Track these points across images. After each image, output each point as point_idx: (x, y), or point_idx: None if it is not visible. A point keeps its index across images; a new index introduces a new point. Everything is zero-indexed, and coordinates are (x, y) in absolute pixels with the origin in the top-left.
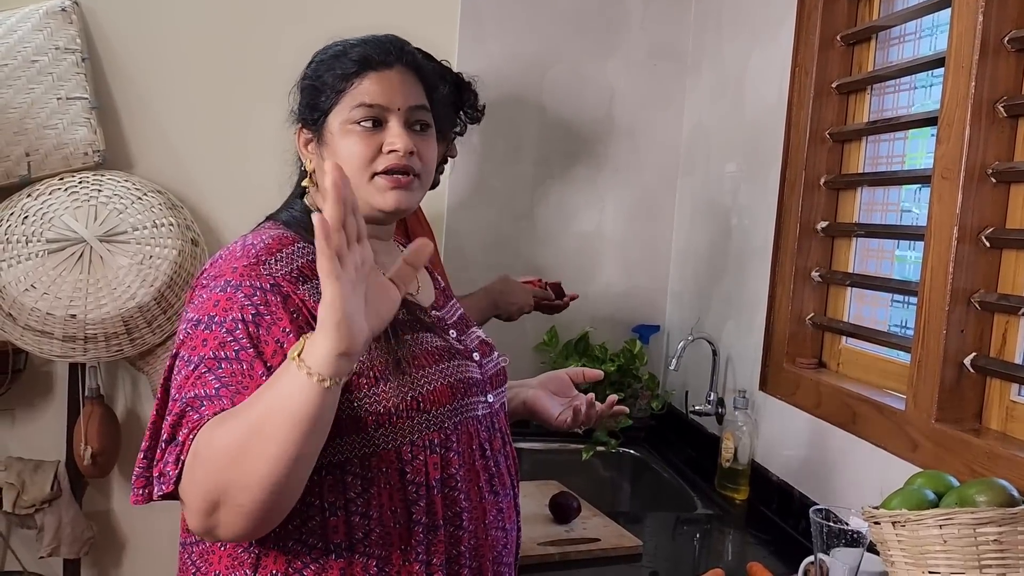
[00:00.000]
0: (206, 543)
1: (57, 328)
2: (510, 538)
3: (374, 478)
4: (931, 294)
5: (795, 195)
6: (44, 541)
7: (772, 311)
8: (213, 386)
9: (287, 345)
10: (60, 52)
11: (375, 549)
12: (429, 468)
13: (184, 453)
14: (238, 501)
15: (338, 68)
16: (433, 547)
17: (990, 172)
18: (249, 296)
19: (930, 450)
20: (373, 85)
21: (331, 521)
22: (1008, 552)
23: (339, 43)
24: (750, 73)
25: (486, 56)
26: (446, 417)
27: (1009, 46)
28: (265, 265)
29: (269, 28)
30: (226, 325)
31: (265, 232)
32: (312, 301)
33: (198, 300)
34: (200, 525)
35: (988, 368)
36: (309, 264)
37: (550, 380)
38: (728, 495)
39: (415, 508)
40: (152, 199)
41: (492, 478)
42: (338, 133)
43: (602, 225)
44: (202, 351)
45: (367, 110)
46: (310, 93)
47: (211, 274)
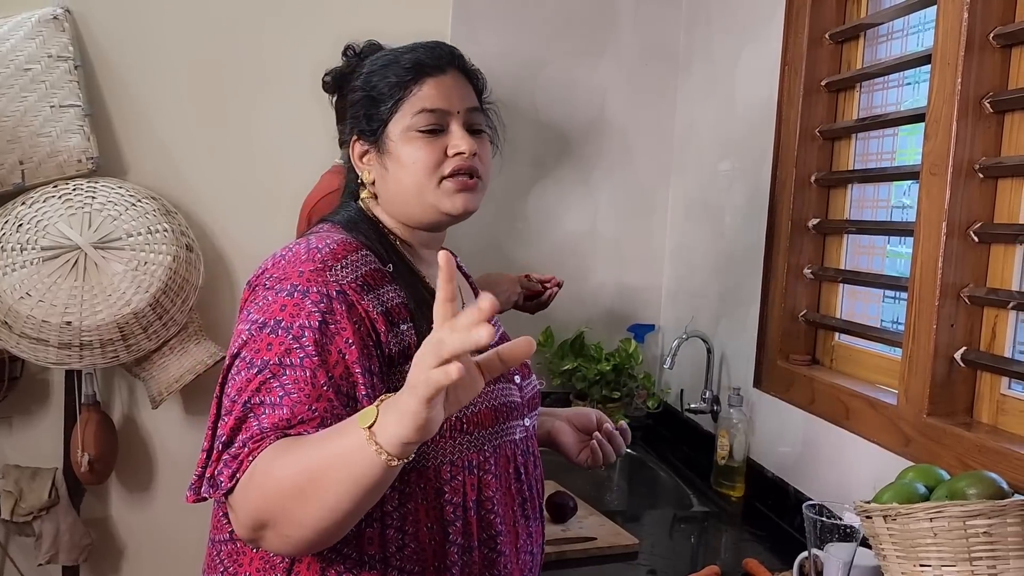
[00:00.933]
0: (238, 543)
1: (53, 335)
2: (536, 561)
3: (412, 493)
4: (921, 289)
5: (786, 192)
6: (42, 548)
7: (765, 308)
8: (277, 394)
9: (349, 357)
10: (53, 60)
11: (408, 564)
12: (467, 489)
13: (241, 471)
14: (286, 532)
15: (392, 76)
16: (468, 569)
17: (977, 167)
18: (316, 303)
19: (922, 444)
20: (432, 90)
21: (367, 532)
22: (998, 544)
23: (387, 52)
24: (740, 72)
25: (478, 57)
26: (486, 440)
27: (994, 42)
28: (332, 271)
29: (262, 34)
30: (293, 331)
31: (328, 236)
32: (375, 312)
33: (262, 301)
34: (245, 536)
35: (978, 362)
36: (372, 273)
37: (576, 416)
38: (724, 492)
39: (451, 528)
40: (146, 205)
41: (525, 502)
42: (400, 140)
43: (596, 224)
44: (266, 355)
45: (429, 115)
46: (366, 104)
47: (275, 276)
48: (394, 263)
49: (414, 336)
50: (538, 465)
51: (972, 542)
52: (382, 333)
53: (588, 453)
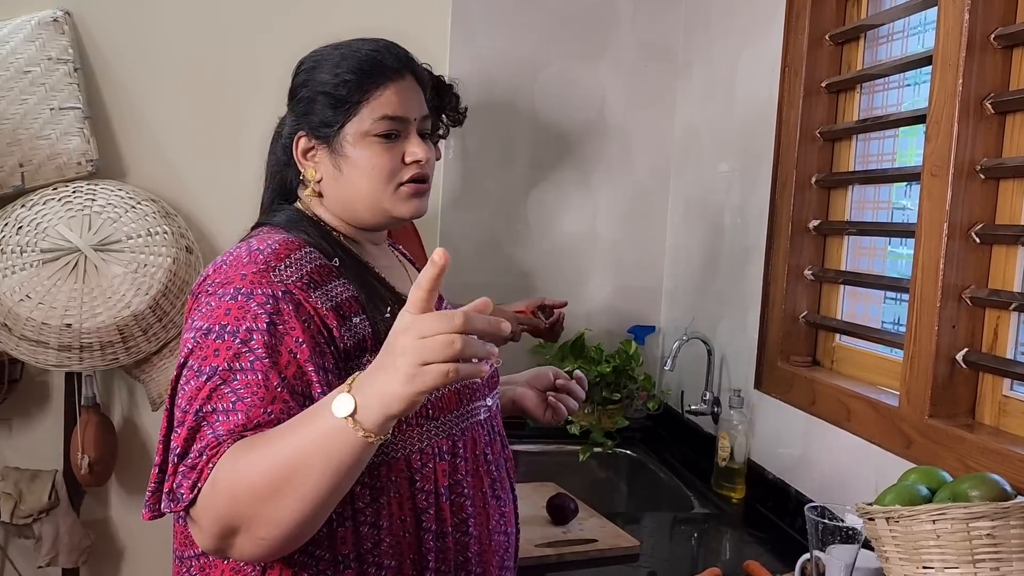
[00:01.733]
0: (207, 557)
1: (53, 338)
2: (511, 542)
3: (383, 487)
4: (923, 290)
5: (787, 194)
6: (42, 551)
7: (766, 310)
8: (229, 399)
9: (300, 356)
10: (52, 63)
11: (385, 559)
12: (438, 475)
13: (202, 480)
14: (260, 534)
15: (351, 75)
16: (443, 554)
17: (979, 168)
18: (262, 304)
19: (924, 446)
20: (394, 96)
21: (339, 532)
22: (1001, 546)
23: (340, 47)
24: (740, 73)
25: (477, 59)
26: (453, 424)
27: (995, 43)
28: (275, 272)
29: (261, 34)
30: (239, 335)
31: (268, 236)
32: (324, 308)
33: (206, 308)
34: (211, 547)
35: (980, 363)
36: (318, 269)
37: (536, 377)
38: (725, 494)
39: (425, 516)
40: (146, 207)
41: (495, 482)
42: (357, 144)
43: (595, 226)
44: (214, 361)
45: (390, 123)
46: (320, 102)
47: (217, 281)
48: (340, 257)
49: (369, 328)
50: (505, 445)
51: (975, 544)
52: (334, 328)
53: (551, 411)
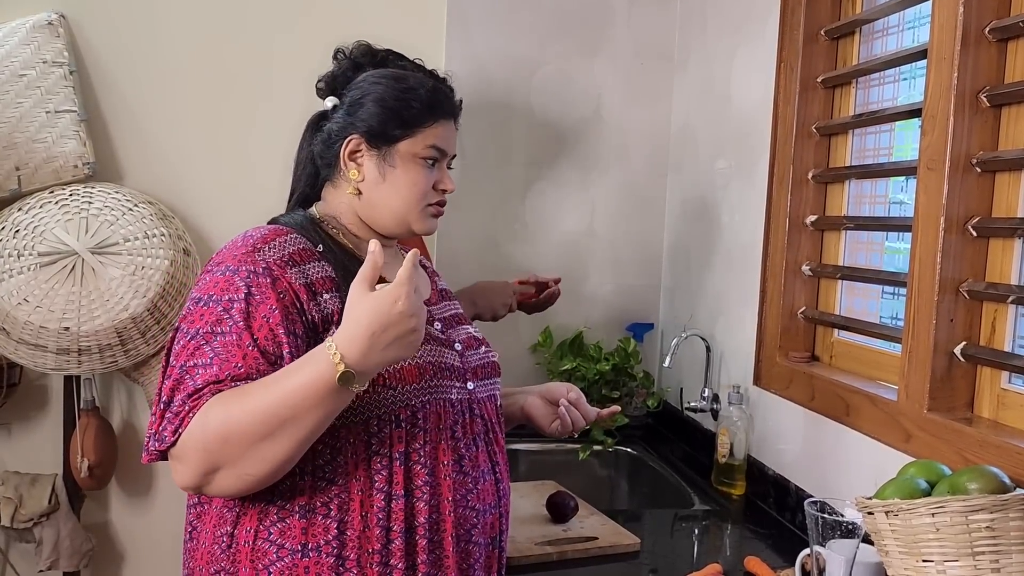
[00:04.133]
0: (203, 505)
1: (51, 341)
2: (482, 519)
3: (341, 447)
4: (920, 284)
5: (783, 190)
6: (43, 555)
7: (764, 306)
8: (207, 356)
9: (272, 320)
10: (48, 65)
11: (338, 512)
12: (393, 440)
13: (183, 424)
14: (245, 470)
15: (417, 104)
16: (392, 515)
17: (975, 162)
18: (244, 278)
19: (923, 440)
20: (445, 132)
21: (299, 484)
22: (1000, 538)
23: (408, 73)
24: (736, 69)
25: (473, 58)
26: (413, 395)
27: (990, 36)
28: (260, 252)
29: (259, 37)
30: (222, 303)
31: (264, 227)
32: (298, 284)
33: (202, 282)
34: (191, 482)
35: (978, 356)
36: (300, 252)
37: (548, 390)
38: (725, 491)
39: (377, 477)
40: (143, 210)
41: (461, 459)
42: (405, 160)
43: (593, 224)
44: (199, 324)
45: (436, 152)
46: (385, 116)
47: (215, 261)
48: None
49: (338, 304)
50: (491, 429)
51: (975, 537)
52: (304, 302)
53: (558, 422)
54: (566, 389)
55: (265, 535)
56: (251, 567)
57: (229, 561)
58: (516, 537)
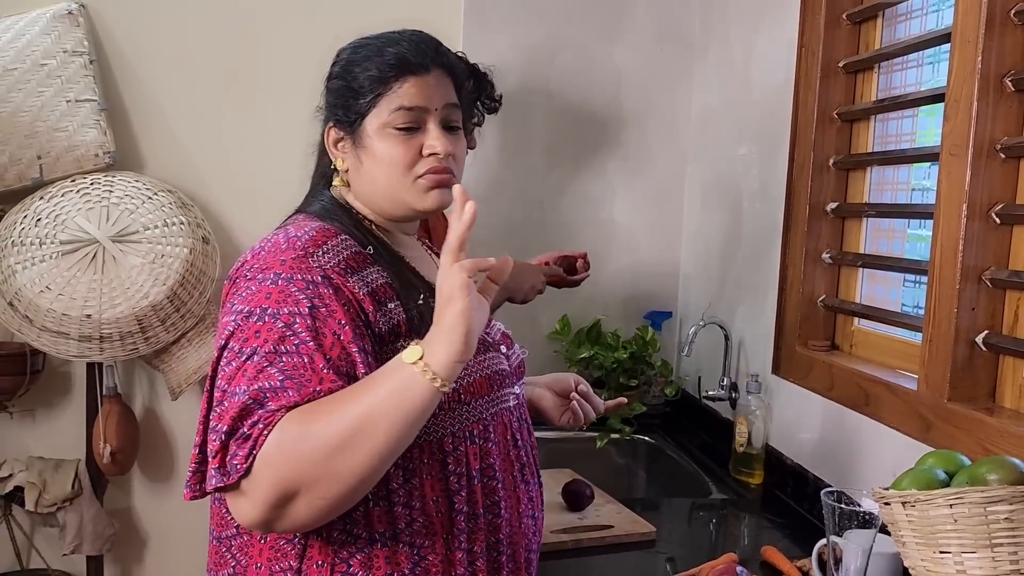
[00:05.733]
0: (246, 536)
1: (73, 328)
2: (539, 526)
3: (416, 469)
4: (941, 272)
5: (804, 176)
6: (66, 539)
7: (783, 294)
8: (277, 379)
9: (344, 337)
10: (68, 55)
11: (418, 538)
12: (470, 458)
13: (257, 448)
14: (320, 494)
15: (374, 69)
16: (475, 535)
17: (999, 148)
18: (303, 289)
19: (943, 430)
20: (412, 88)
21: (374, 511)
22: (1019, 530)
23: (371, 41)
24: (757, 54)
25: (492, 46)
26: (484, 408)
27: (1016, 19)
28: (313, 257)
29: (276, 25)
30: (282, 318)
31: (305, 223)
32: (362, 293)
33: (245, 292)
34: (263, 517)
35: (1000, 346)
36: (354, 256)
37: (556, 381)
38: (743, 480)
39: (457, 498)
40: (163, 198)
41: (524, 467)
42: (376, 136)
43: (613, 212)
44: (255, 343)
45: (407, 114)
46: (344, 94)
47: (256, 267)
48: (373, 246)
49: (403, 314)
50: (531, 432)
51: (993, 528)
52: (370, 313)
53: (569, 415)
54: (574, 381)
55: (343, 568)
56: None
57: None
58: None
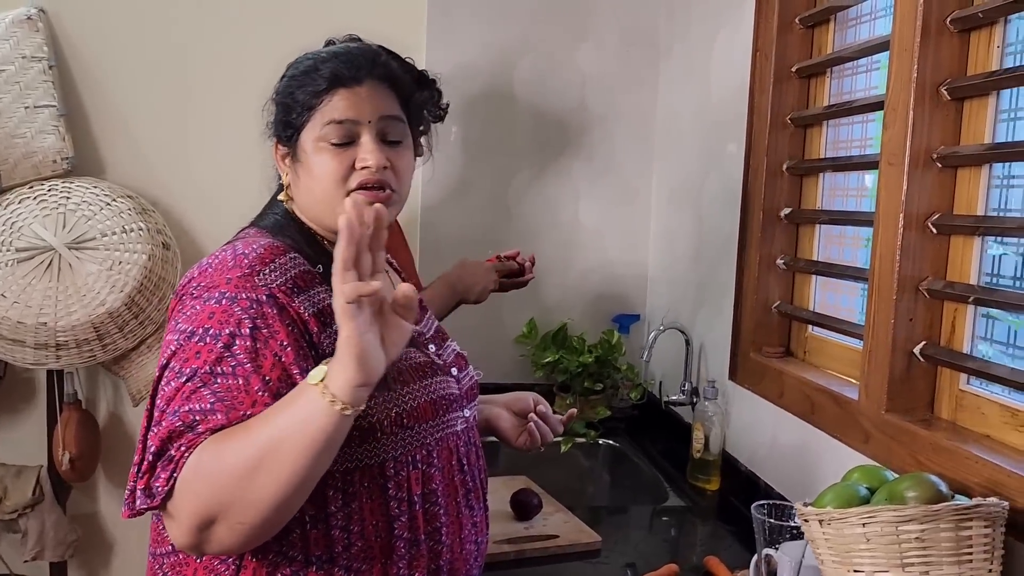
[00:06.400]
0: (181, 555)
1: (29, 336)
2: (481, 550)
3: (356, 492)
4: (880, 282)
5: (758, 181)
6: (28, 545)
7: (739, 299)
8: (208, 400)
9: (285, 359)
10: (27, 61)
11: (356, 563)
12: (411, 483)
13: (178, 470)
14: (238, 519)
15: (309, 85)
16: (415, 561)
17: (935, 157)
18: (246, 309)
19: (881, 441)
20: (343, 101)
21: (312, 533)
22: (931, 550)
23: (310, 56)
24: (716, 57)
25: (456, 49)
26: (428, 433)
27: (952, 27)
28: (260, 276)
29: (238, 31)
30: (222, 339)
31: (255, 241)
32: (307, 314)
33: (190, 311)
34: (189, 540)
35: (937, 357)
36: (302, 275)
37: (515, 400)
38: (700, 486)
39: (397, 523)
40: (121, 204)
41: (469, 492)
42: (311, 151)
43: (579, 214)
44: (195, 363)
45: (338, 127)
46: (282, 110)
47: (202, 284)
48: (323, 264)
49: None
50: (480, 455)
51: (904, 547)
52: (315, 333)
53: (526, 436)
54: (533, 401)
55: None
56: None
57: None
58: None
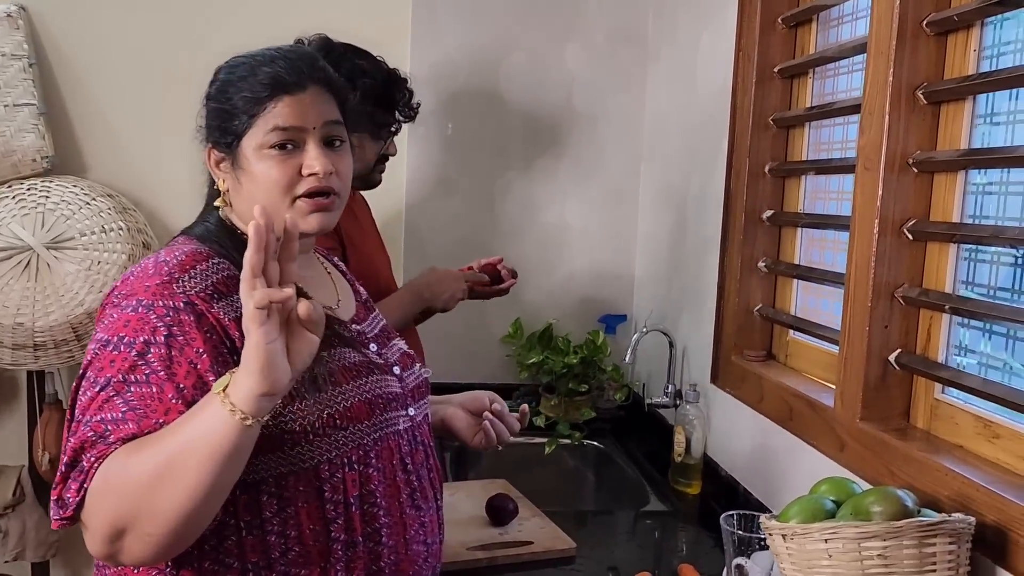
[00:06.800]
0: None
1: (6, 336)
2: (432, 551)
3: (291, 497)
4: (855, 288)
5: (741, 183)
6: (8, 545)
7: (721, 302)
8: (120, 410)
9: (201, 366)
10: (6, 59)
11: (294, 568)
12: (347, 485)
13: (88, 481)
14: (147, 530)
15: (248, 91)
16: (353, 563)
17: (911, 162)
18: (162, 316)
19: (855, 450)
20: (287, 108)
21: (248, 540)
22: (893, 566)
23: (245, 59)
24: (701, 57)
25: (442, 48)
26: (365, 433)
27: (928, 30)
28: (178, 283)
29: (220, 31)
30: (136, 347)
31: (178, 248)
32: (228, 319)
33: (108, 320)
34: (102, 551)
35: (912, 366)
36: (224, 280)
37: (470, 400)
38: (681, 490)
39: (333, 526)
40: (101, 204)
41: (414, 492)
42: (253, 157)
43: (565, 215)
44: (109, 372)
45: (282, 133)
46: (220, 116)
47: (122, 292)
48: None
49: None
50: (431, 455)
51: (867, 564)
52: (236, 339)
53: (482, 436)
54: (489, 400)
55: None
56: None
57: None
58: (450, 542)
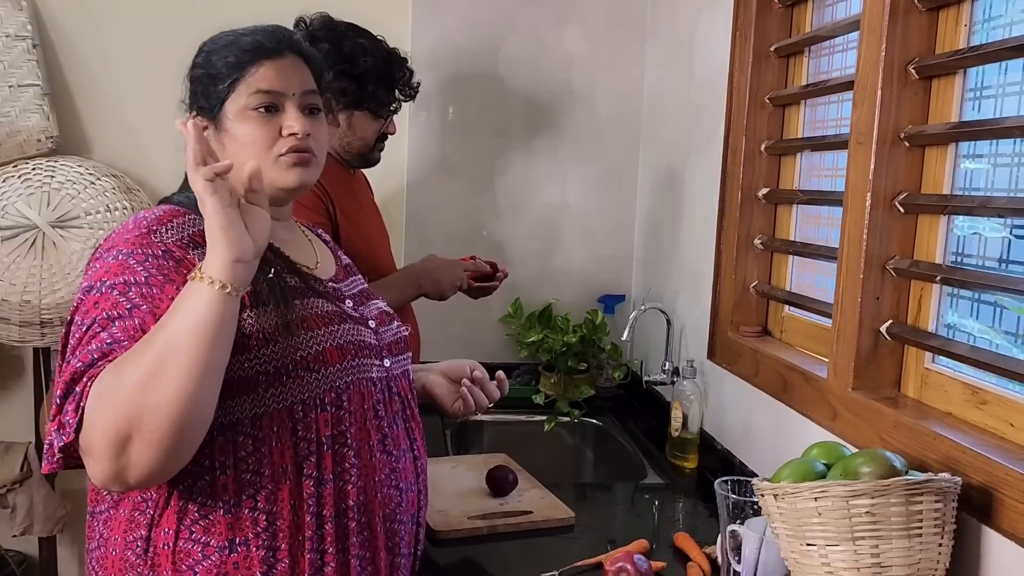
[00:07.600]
0: (112, 511)
1: (13, 314)
2: (406, 497)
3: (265, 437)
4: (848, 261)
5: (737, 161)
6: (16, 520)
7: (718, 279)
8: (105, 341)
9: None
10: (11, 39)
11: (265, 503)
12: (319, 425)
13: (84, 399)
14: (152, 427)
15: (231, 56)
16: (323, 500)
17: (903, 136)
18: (141, 262)
19: (847, 419)
20: (269, 71)
21: (221, 479)
22: (880, 524)
23: (228, 33)
24: (698, 37)
25: (442, 28)
26: (337, 376)
27: (920, 5)
28: (156, 234)
29: (225, 9)
30: (117, 287)
31: (157, 208)
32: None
33: (91, 271)
34: (109, 469)
35: (903, 336)
36: (201, 233)
37: (451, 368)
38: (678, 464)
39: (306, 463)
40: (106, 183)
41: (385, 438)
42: (236, 119)
43: (565, 195)
44: (94, 313)
45: (264, 96)
46: (204, 81)
47: (104, 247)
48: None
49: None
50: (409, 406)
51: (855, 522)
52: None
53: (460, 402)
54: (469, 367)
55: (187, 535)
56: (173, 570)
57: (147, 567)
58: (451, 511)
